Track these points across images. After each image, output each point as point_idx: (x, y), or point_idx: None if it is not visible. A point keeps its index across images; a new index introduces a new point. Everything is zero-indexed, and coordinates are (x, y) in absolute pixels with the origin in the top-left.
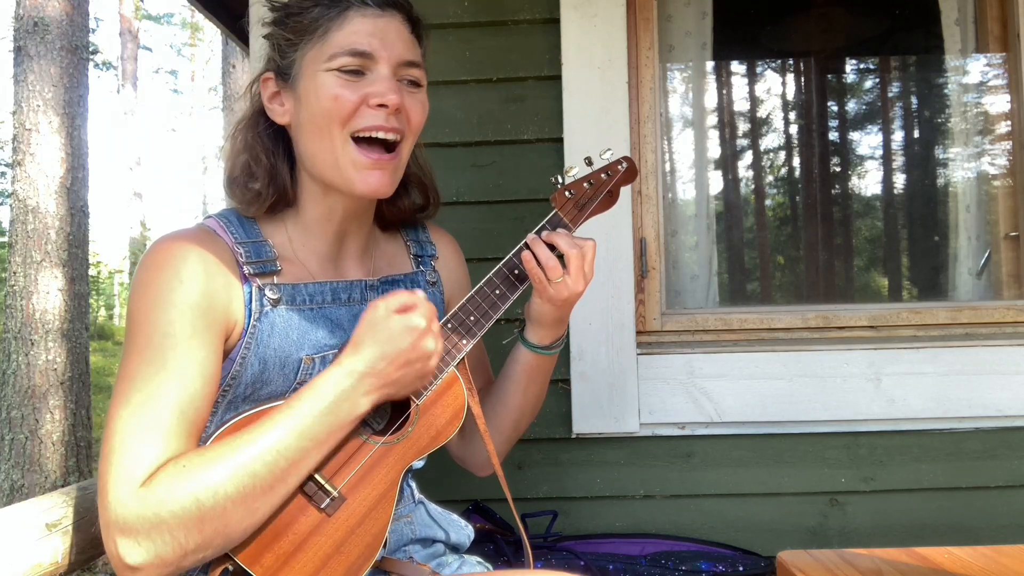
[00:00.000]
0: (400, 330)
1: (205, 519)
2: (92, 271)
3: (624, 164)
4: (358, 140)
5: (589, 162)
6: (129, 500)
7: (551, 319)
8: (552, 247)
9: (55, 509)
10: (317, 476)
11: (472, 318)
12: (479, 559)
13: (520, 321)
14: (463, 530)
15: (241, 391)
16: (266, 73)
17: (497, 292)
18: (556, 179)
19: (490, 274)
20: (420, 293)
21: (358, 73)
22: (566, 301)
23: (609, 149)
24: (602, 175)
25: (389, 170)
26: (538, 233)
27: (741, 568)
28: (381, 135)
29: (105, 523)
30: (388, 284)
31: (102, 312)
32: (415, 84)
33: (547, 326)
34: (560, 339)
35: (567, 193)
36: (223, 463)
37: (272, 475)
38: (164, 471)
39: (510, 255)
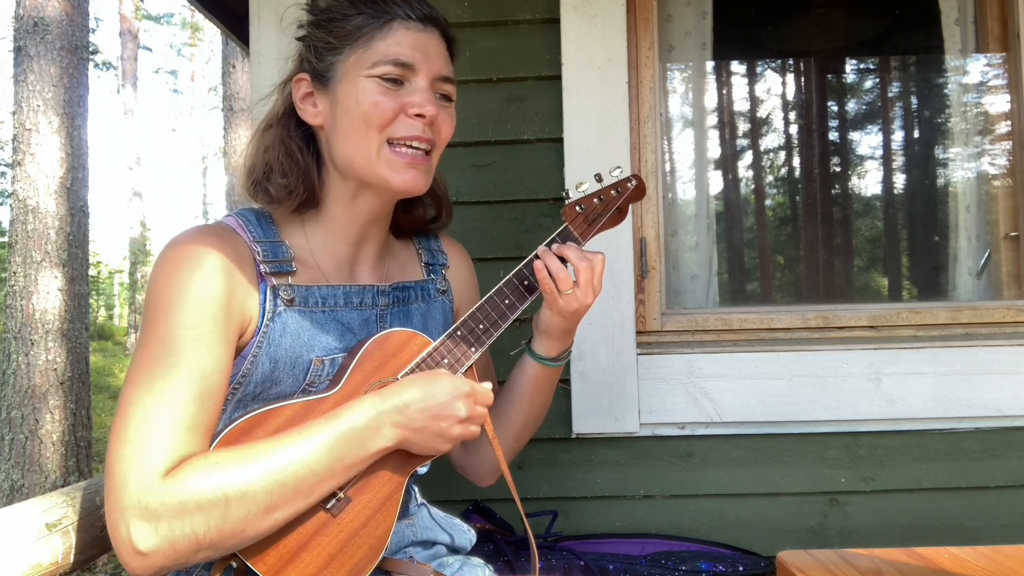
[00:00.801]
0: (443, 384)
1: (228, 517)
2: (92, 271)
3: (633, 182)
4: (392, 145)
5: (599, 178)
6: (154, 486)
7: (559, 331)
8: (563, 259)
9: (55, 509)
10: None
11: (481, 327)
12: (481, 561)
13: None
14: (465, 534)
15: (251, 390)
16: (300, 74)
17: (507, 302)
18: (567, 193)
19: (500, 284)
20: (488, 386)
21: (398, 82)
22: (575, 313)
23: (619, 167)
24: (612, 192)
25: (423, 169)
26: (548, 245)
27: (741, 568)
28: (415, 144)
29: (121, 507)
30: (399, 290)
31: (102, 312)
32: (447, 99)
33: (555, 337)
34: (567, 351)
35: (577, 208)
36: (257, 466)
37: (298, 487)
38: (194, 463)
39: (520, 266)
